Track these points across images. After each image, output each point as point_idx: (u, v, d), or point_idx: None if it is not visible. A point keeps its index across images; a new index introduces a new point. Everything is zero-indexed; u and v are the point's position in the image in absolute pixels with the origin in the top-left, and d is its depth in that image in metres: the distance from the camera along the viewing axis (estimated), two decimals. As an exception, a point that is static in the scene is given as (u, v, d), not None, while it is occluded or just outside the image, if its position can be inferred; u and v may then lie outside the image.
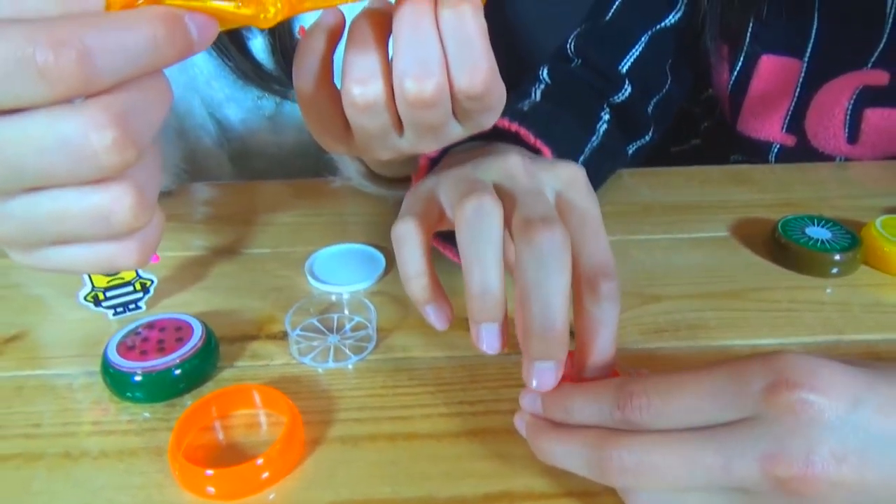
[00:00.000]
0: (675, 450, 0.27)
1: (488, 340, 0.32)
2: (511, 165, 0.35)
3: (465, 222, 0.31)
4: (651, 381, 0.29)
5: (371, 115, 0.31)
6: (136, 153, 0.23)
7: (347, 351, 0.42)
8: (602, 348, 0.32)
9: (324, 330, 0.43)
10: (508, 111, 0.43)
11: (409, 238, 0.33)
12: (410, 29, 0.29)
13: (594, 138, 0.54)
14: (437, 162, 0.42)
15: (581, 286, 0.32)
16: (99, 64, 0.21)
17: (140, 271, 0.45)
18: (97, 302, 0.45)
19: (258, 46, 0.74)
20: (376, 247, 0.52)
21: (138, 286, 0.45)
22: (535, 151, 0.42)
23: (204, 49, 0.24)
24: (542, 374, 0.31)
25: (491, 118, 0.33)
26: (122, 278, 0.45)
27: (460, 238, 0.31)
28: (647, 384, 0.29)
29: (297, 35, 0.74)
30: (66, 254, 0.25)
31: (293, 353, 0.42)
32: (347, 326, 0.44)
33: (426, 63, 0.29)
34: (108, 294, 0.45)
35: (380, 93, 0.30)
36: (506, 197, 0.33)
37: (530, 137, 0.42)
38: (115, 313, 0.45)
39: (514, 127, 0.42)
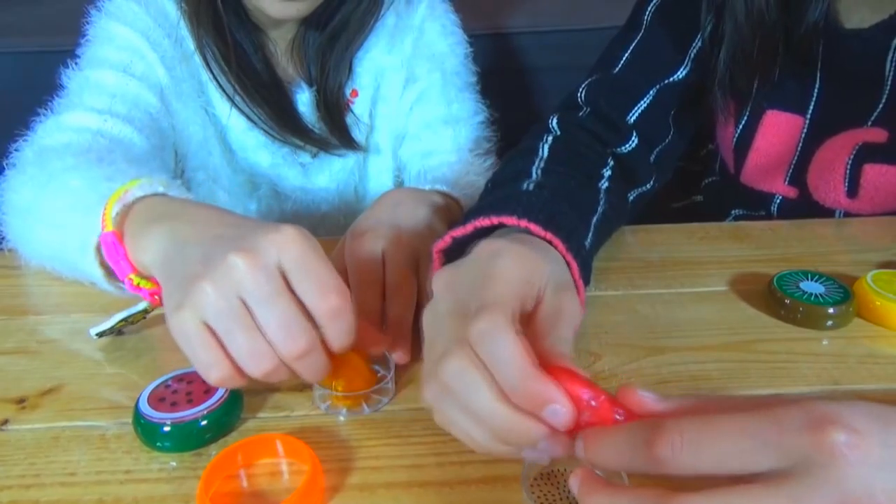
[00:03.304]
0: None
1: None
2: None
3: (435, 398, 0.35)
4: (683, 420, 0.28)
5: None
6: None
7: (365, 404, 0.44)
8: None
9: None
10: (514, 200, 0.47)
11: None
12: None
13: (598, 207, 0.56)
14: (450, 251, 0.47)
15: None
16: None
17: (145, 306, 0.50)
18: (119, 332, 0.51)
19: (304, 100, 0.79)
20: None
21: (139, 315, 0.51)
22: (547, 241, 0.44)
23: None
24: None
25: None
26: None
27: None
28: (679, 422, 0.28)
29: (349, 95, 0.79)
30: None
31: (316, 399, 0.44)
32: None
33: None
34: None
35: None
36: None
37: (540, 231, 0.45)
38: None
39: (524, 223, 0.45)
